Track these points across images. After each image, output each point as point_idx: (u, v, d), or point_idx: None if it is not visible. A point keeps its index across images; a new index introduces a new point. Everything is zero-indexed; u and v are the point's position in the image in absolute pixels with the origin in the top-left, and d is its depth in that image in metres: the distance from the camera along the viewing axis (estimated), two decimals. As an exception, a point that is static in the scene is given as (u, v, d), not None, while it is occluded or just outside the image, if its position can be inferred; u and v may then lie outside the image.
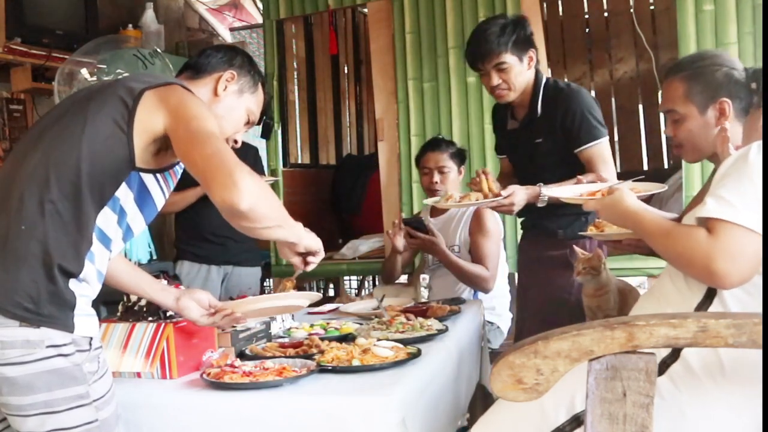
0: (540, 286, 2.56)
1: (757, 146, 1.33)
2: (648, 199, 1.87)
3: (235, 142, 1.66)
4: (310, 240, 1.58)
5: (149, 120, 1.38)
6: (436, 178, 3.05)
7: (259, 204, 1.31)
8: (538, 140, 2.48)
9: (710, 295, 1.36)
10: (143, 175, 1.43)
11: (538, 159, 2.51)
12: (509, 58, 2.41)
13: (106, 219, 1.41)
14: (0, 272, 1.31)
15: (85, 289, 1.40)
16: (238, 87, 1.64)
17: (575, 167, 2.37)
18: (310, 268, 1.63)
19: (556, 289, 2.49)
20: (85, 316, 1.39)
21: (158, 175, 1.47)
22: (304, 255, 1.62)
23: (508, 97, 2.48)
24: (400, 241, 2.98)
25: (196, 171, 1.34)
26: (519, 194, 2.33)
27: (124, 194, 1.42)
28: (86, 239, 1.38)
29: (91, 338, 1.42)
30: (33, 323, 1.30)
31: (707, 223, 1.31)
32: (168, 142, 1.40)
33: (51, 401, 1.31)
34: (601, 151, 2.39)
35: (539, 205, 2.34)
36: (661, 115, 2.09)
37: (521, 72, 2.44)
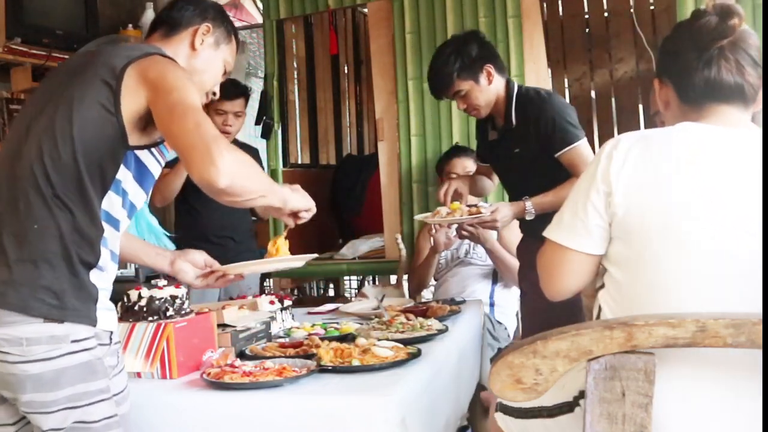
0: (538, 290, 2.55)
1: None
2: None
3: (214, 93, 1.66)
4: (296, 202, 1.55)
5: (133, 98, 1.37)
6: None
7: (237, 180, 1.30)
8: (516, 150, 2.48)
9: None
10: (138, 152, 1.43)
11: (519, 169, 2.51)
12: (462, 85, 2.42)
13: (111, 202, 1.42)
14: (20, 272, 1.31)
15: (104, 281, 1.41)
16: (214, 39, 1.62)
17: (557, 174, 2.37)
18: (302, 221, 1.61)
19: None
20: (105, 310, 1.41)
21: (153, 149, 1.47)
22: (295, 214, 1.60)
23: (480, 115, 2.52)
24: (444, 237, 3.02)
25: (176, 146, 1.33)
26: (503, 210, 2.38)
27: (123, 175, 1.43)
28: (97, 226, 1.39)
29: (111, 332, 1.44)
30: (57, 318, 1.31)
31: None
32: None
33: (74, 396, 1.32)
34: (581, 153, 2.37)
35: (527, 218, 2.37)
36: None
37: (482, 91, 2.44)
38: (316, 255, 1.89)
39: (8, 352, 1.30)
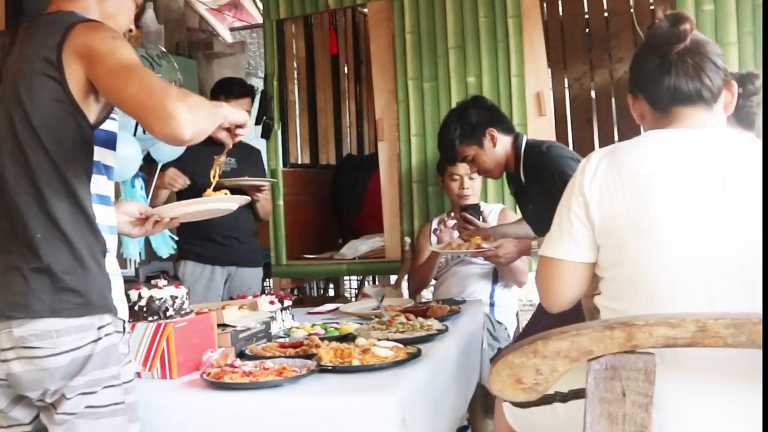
0: None
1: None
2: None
3: (131, 31, 1.63)
4: (234, 115, 1.54)
5: (75, 77, 1.36)
6: (467, 184, 3.17)
7: (197, 125, 1.30)
8: (530, 206, 2.58)
9: None
10: (101, 126, 1.43)
11: (541, 221, 2.53)
12: (467, 150, 2.56)
13: (98, 185, 1.44)
14: (37, 281, 1.33)
15: (111, 263, 1.45)
16: None
17: None
18: (238, 139, 1.60)
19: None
20: (119, 300, 1.45)
21: (111, 114, 1.47)
22: (231, 130, 1.58)
23: (494, 176, 2.68)
24: (448, 236, 3.06)
25: (128, 110, 1.32)
26: (507, 247, 2.53)
27: (100, 154, 1.44)
28: (91, 214, 1.41)
29: (125, 321, 1.47)
30: (85, 314, 1.35)
31: None
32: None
33: (91, 381, 1.35)
34: None
35: (533, 257, 2.54)
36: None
37: (488, 154, 2.56)
38: (249, 199, 1.92)
39: (39, 346, 1.32)
